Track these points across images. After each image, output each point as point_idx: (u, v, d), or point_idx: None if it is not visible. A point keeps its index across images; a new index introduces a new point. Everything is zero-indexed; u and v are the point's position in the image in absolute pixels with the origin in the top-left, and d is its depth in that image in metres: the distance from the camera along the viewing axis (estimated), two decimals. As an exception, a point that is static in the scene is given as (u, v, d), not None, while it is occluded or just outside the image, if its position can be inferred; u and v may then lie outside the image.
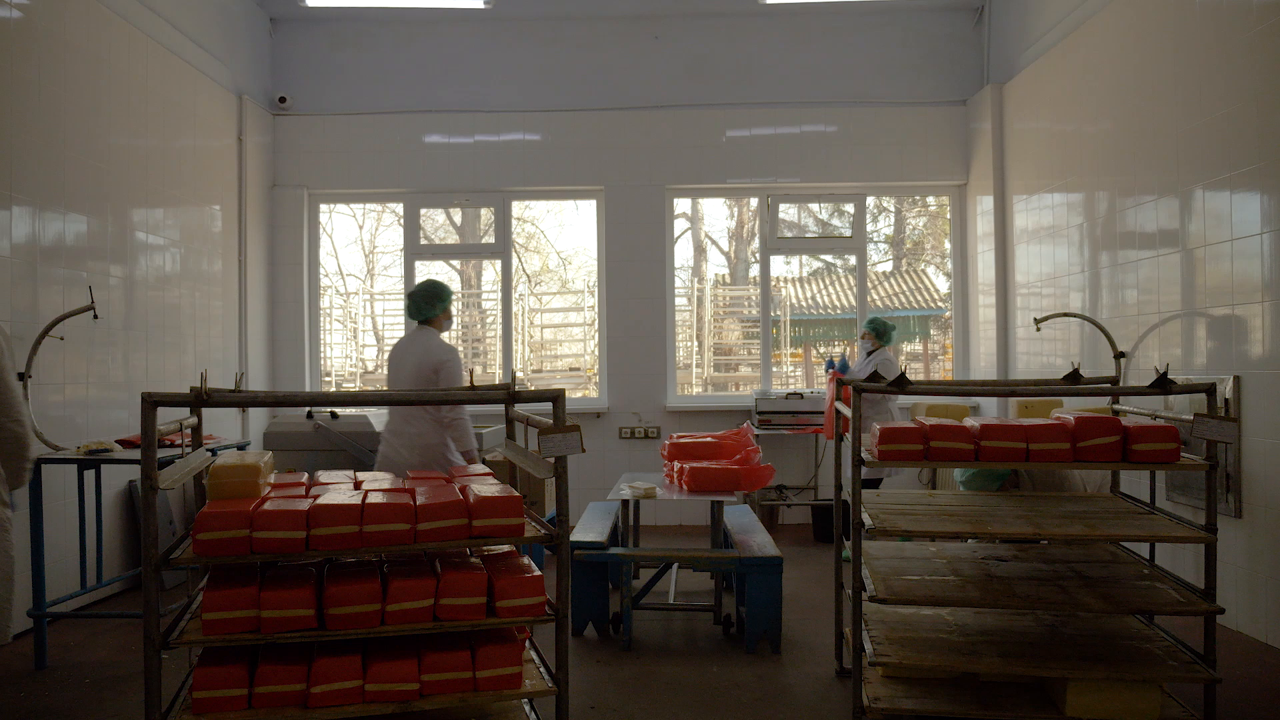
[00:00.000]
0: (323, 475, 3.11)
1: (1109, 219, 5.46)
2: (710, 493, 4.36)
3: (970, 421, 2.97)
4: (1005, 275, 6.83)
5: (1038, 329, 5.39)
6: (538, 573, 2.63)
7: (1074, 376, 3.51)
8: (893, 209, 15.80)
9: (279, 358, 7.26)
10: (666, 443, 4.93)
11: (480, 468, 3.26)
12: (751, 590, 4.02)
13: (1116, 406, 3.50)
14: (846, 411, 3.15)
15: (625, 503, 4.39)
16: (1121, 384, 4.06)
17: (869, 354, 6.00)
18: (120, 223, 5.31)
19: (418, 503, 2.53)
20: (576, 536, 4.25)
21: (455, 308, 4.56)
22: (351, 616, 2.43)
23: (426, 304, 4.37)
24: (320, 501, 2.47)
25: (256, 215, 7.00)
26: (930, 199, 14.53)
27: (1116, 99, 5.34)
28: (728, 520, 4.80)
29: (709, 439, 4.94)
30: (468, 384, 3.25)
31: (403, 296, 8.64)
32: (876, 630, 3.08)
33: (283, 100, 7.23)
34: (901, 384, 2.84)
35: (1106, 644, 2.93)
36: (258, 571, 2.52)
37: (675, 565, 4.60)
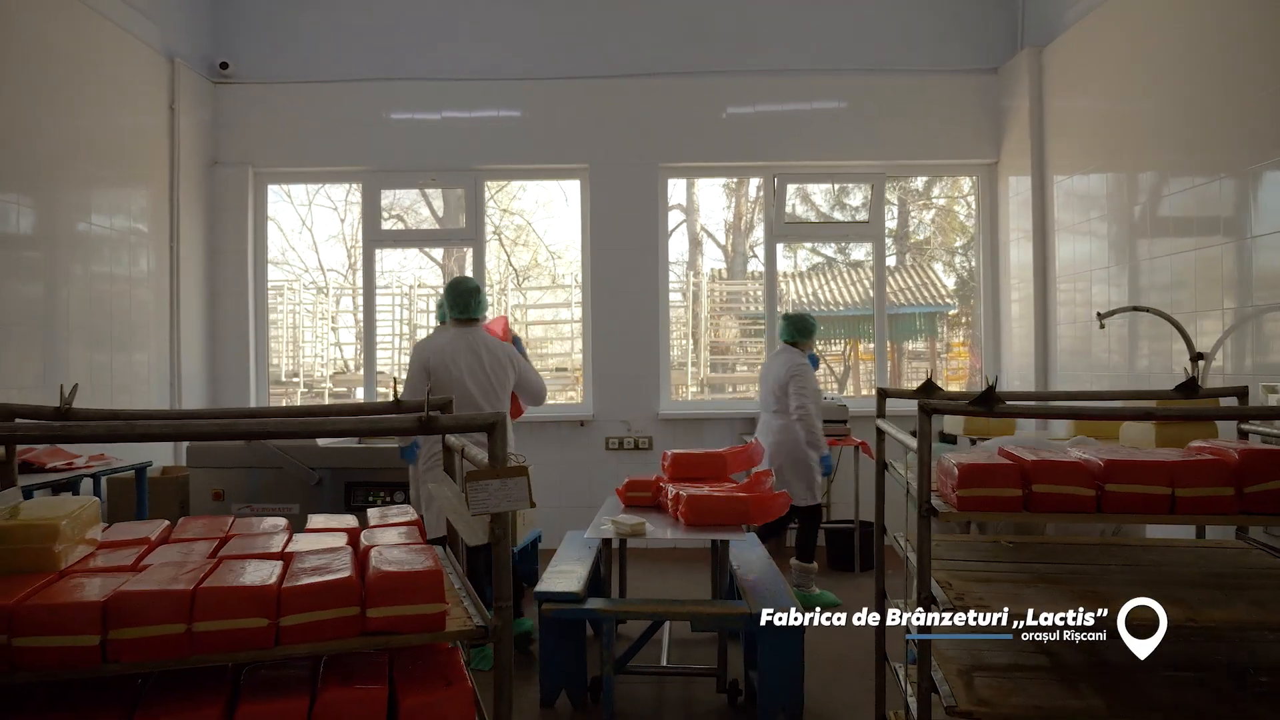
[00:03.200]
0: (190, 525, 2.27)
1: (1169, 201, 4.65)
2: (713, 528, 3.52)
3: (1079, 452, 2.15)
4: (1044, 265, 6.00)
5: (1101, 325, 4.57)
6: (468, 682, 1.80)
7: (1190, 386, 2.69)
8: (895, 200, 14.97)
9: (220, 359, 6.40)
10: (668, 455, 4.12)
11: (408, 512, 2.42)
12: (766, 652, 3.20)
13: (1245, 427, 2.68)
14: (902, 439, 2.32)
15: (607, 542, 3.56)
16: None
17: None
18: (27, 204, 4.49)
19: (283, 584, 1.70)
20: (546, 584, 3.42)
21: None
22: (174, 763, 1.60)
23: (801, 331, 5.17)
24: (126, 587, 1.63)
25: (192, 197, 6.13)
26: (936, 191, 13.76)
27: (1180, 61, 4.51)
28: (731, 555, 3.97)
29: (719, 454, 4.13)
30: (391, 396, 2.41)
31: (389, 291, 7.81)
32: (944, 734, 2.26)
33: (224, 66, 6.36)
34: (989, 403, 2.01)
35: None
36: (34, 694, 1.68)
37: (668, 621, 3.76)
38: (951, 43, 6.46)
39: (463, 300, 4.21)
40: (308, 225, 14.60)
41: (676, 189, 11.33)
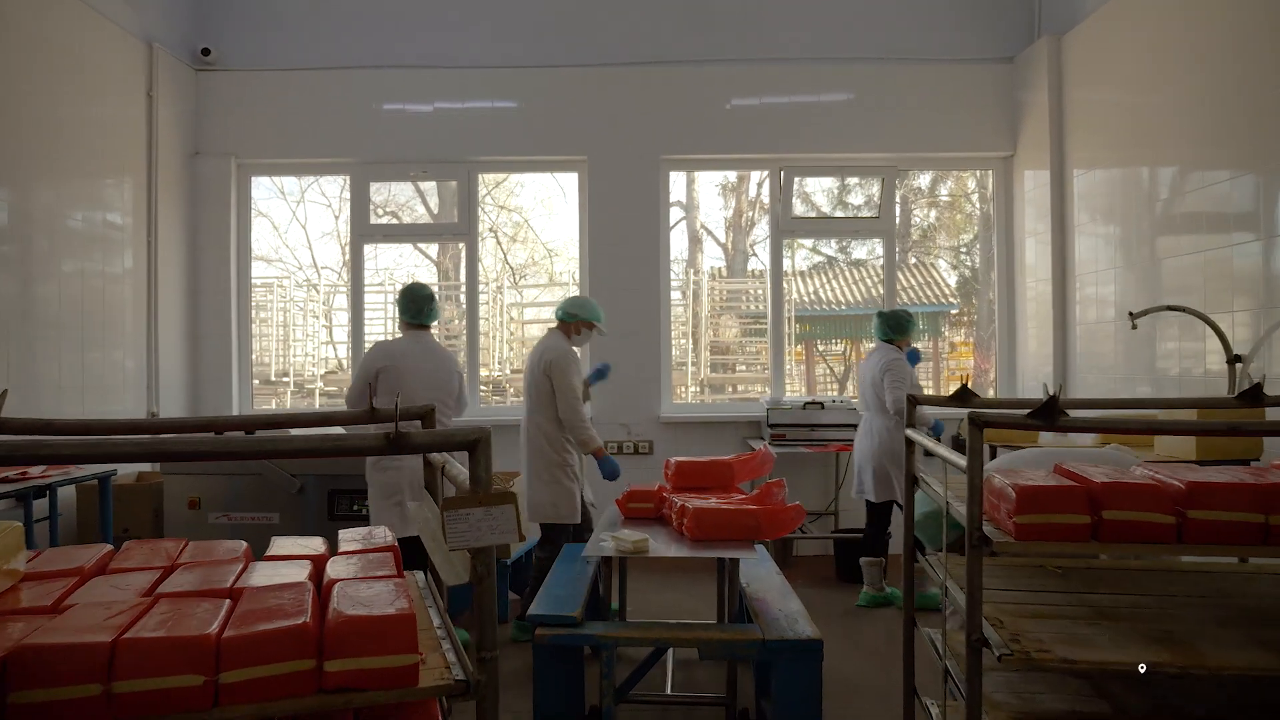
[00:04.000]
0: (134, 550, 2.00)
1: (1195, 197, 4.41)
2: (721, 544, 3.25)
3: (1140, 470, 1.88)
4: (1063, 262, 5.74)
5: (1133, 326, 4.32)
6: (446, 744, 1.53)
7: (1255, 394, 2.42)
8: (898, 199, 14.69)
9: (201, 359, 6.12)
10: (671, 463, 3.87)
11: (386, 535, 2.15)
12: (781, 682, 2.93)
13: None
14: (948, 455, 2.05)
15: (608, 560, 3.28)
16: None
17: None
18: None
19: (224, 632, 1.43)
20: (541, 606, 3.15)
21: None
22: None
23: (895, 328, 5.09)
24: (32, 639, 1.36)
25: (172, 189, 5.85)
26: (942, 188, 13.51)
27: (1207, 50, 4.27)
28: (740, 571, 3.70)
29: (727, 462, 3.88)
30: (366, 405, 2.15)
31: (382, 289, 7.52)
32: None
33: (206, 53, 6.07)
34: (1050, 415, 1.74)
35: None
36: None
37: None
38: (965, 31, 6.20)
39: (415, 305, 4.21)
40: (301, 222, 14.30)
41: (676, 186, 11.08)
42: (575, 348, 4.64)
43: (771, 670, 2.96)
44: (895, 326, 5.12)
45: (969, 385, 2.47)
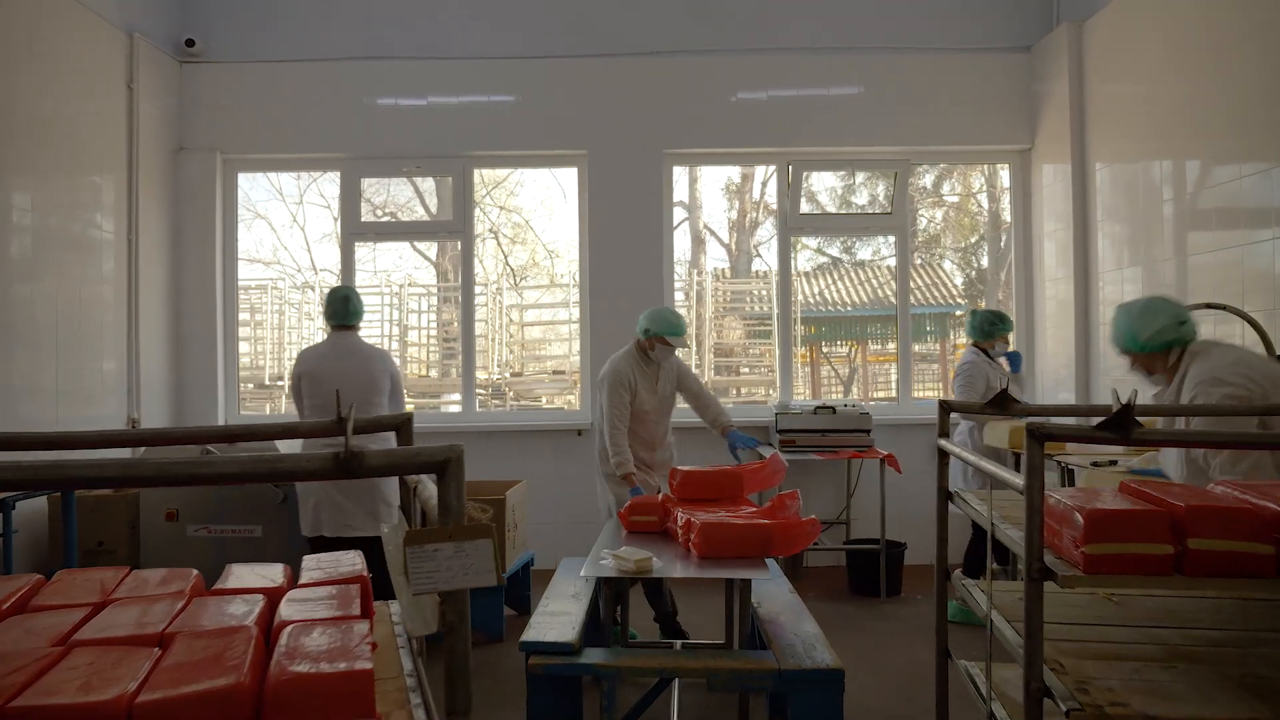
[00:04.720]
0: (66, 582, 1.76)
1: (1226, 190, 4.16)
2: (731, 561, 3.00)
3: (1223, 490, 1.62)
4: (1085, 260, 5.48)
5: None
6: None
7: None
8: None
9: (185, 363, 5.87)
10: (676, 473, 3.62)
11: (355, 562, 1.90)
12: (798, 715, 2.68)
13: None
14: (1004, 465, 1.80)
15: (607, 582, 3.02)
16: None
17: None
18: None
19: (140, 693, 1.18)
20: (535, 631, 2.89)
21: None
22: None
23: (977, 329, 4.84)
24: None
25: (154, 186, 5.61)
26: (946, 186, 13.27)
27: (1240, 36, 4.02)
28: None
29: (736, 471, 3.64)
30: (337, 415, 1.90)
31: (378, 291, 7.30)
32: None
33: (190, 44, 5.84)
34: (1124, 428, 1.48)
35: None
36: None
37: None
38: (980, 19, 5.96)
39: (332, 307, 4.27)
40: (300, 224, 14.07)
41: (679, 186, 10.85)
42: (662, 361, 4.43)
43: (788, 701, 2.70)
44: (976, 327, 4.88)
45: (1006, 391, 2.22)
